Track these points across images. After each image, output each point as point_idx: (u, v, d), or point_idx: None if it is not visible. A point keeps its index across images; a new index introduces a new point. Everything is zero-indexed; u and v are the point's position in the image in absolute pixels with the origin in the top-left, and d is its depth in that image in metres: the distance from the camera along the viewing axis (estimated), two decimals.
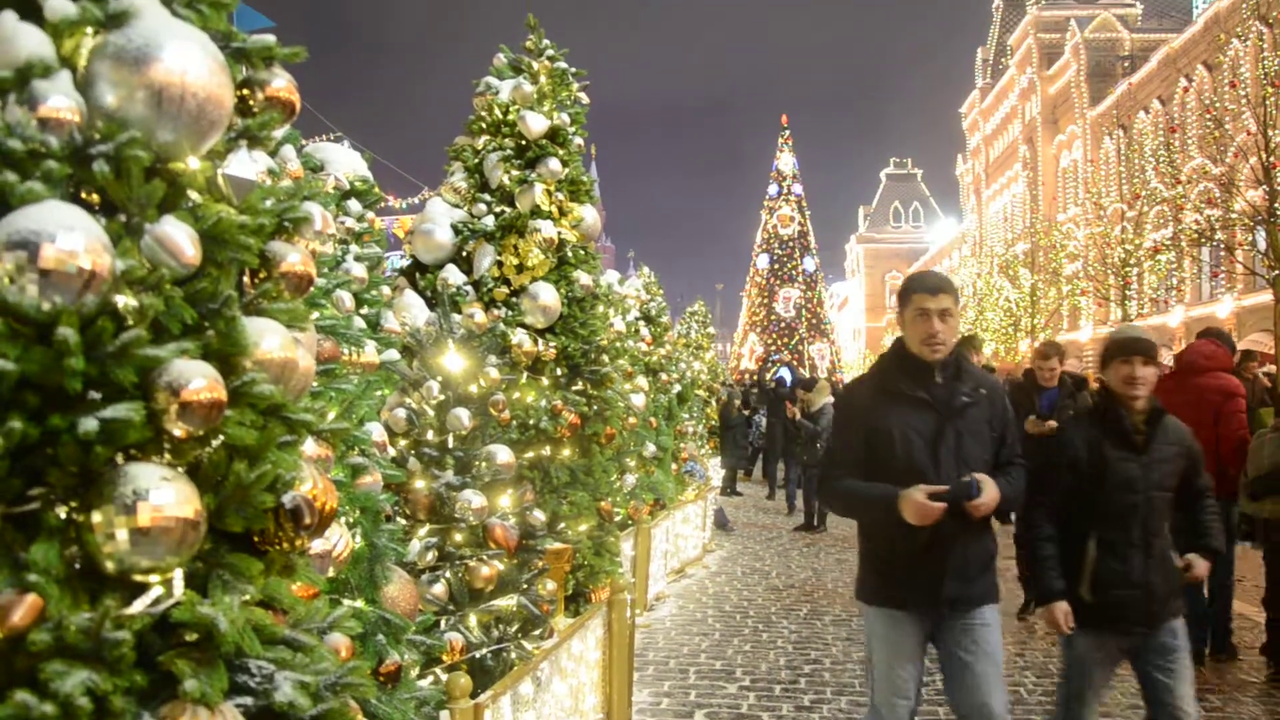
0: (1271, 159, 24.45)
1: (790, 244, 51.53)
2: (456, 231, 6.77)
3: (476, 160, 7.03)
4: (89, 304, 2.06)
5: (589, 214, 7.21)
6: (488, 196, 6.90)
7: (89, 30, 2.25)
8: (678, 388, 14.06)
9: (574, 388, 7.08)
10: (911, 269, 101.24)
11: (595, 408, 7.13)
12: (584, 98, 7.45)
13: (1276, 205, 24.17)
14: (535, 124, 6.92)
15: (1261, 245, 25.29)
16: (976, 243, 73.44)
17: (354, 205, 5.48)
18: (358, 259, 5.20)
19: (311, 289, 2.72)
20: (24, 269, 1.99)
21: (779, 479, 21.72)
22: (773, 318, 50.71)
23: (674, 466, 12.74)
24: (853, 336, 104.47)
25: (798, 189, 52.04)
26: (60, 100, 2.14)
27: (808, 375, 37.89)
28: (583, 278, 7.12)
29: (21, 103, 2.11)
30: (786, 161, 52.37)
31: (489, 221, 6.80)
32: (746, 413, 23.73)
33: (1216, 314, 42.41)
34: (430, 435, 4.95)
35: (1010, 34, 73.16)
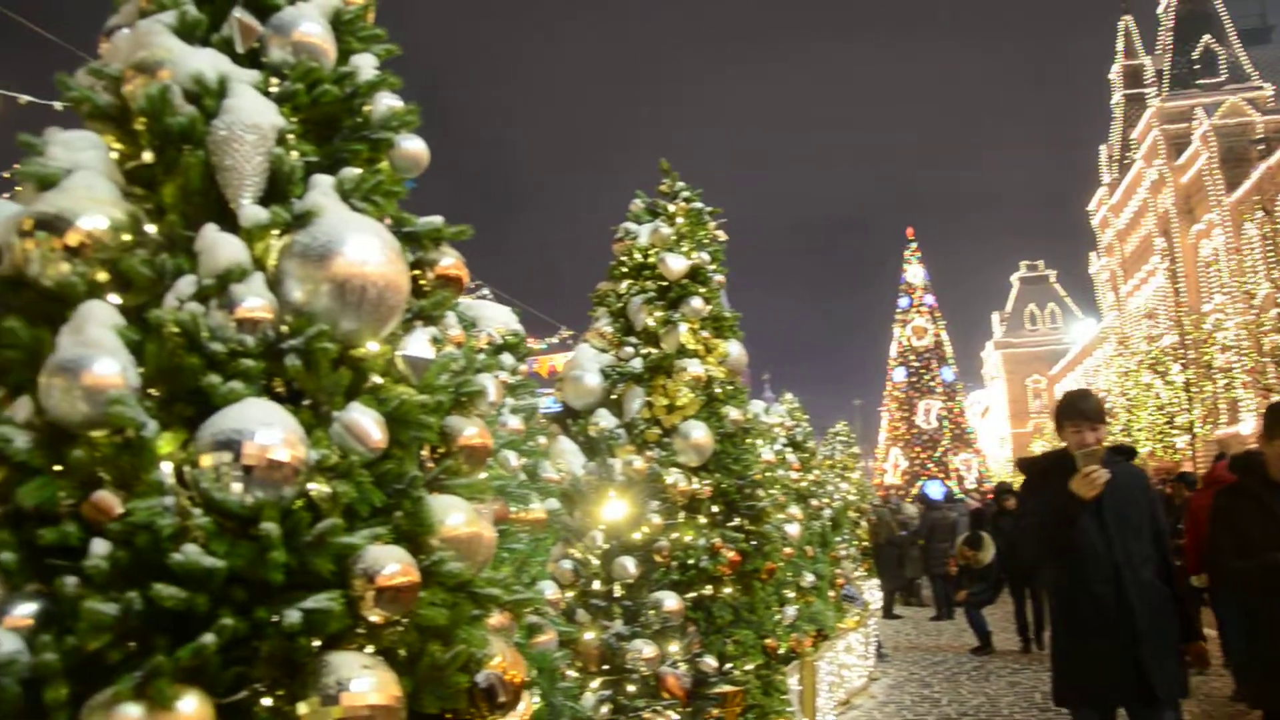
0: None
1: (926, 355, 50.70)
2: (605, 376, 6.85)
3: (620, 304, 7.15)
4: (287, 496, 2.12)
5: (734, 349, 7.23)
6: (634, 339, 6.98)
7: (276, 231, 2.37)
8: (829, 512, 13.80)
9: (731, 524, 7.00)
10: (1053, 371, 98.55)
11: (754, 543, 7.03)
12: (721, 235, 7.56)
13: None
14: (675, 265, 7.02)
15: None
16: (1120, 340, 71.17)
17: (507, 359, 5.59)
18: (514, 412, 5.28)
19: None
20: (228, 467, 2.06)
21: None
22: (914, 431, 49.68)
23: (831, 594, 12.42)
24: (999, 444, 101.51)
25: (929, 299, 51.45)
26: (255, 301, 2.24)
27: (957, 492, 36.80)
28: (732, 413, 7.10)
29: (222, 306, 2.22)
30: (915, 273, 51.92)
31: (637, 364, 6.87)
32: (903, 533, 22.98)
33: None
34: (596, 585, 4.93)
35: (1133, 128, 71.85)
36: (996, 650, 15.50)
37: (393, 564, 2.15)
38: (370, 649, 2.21)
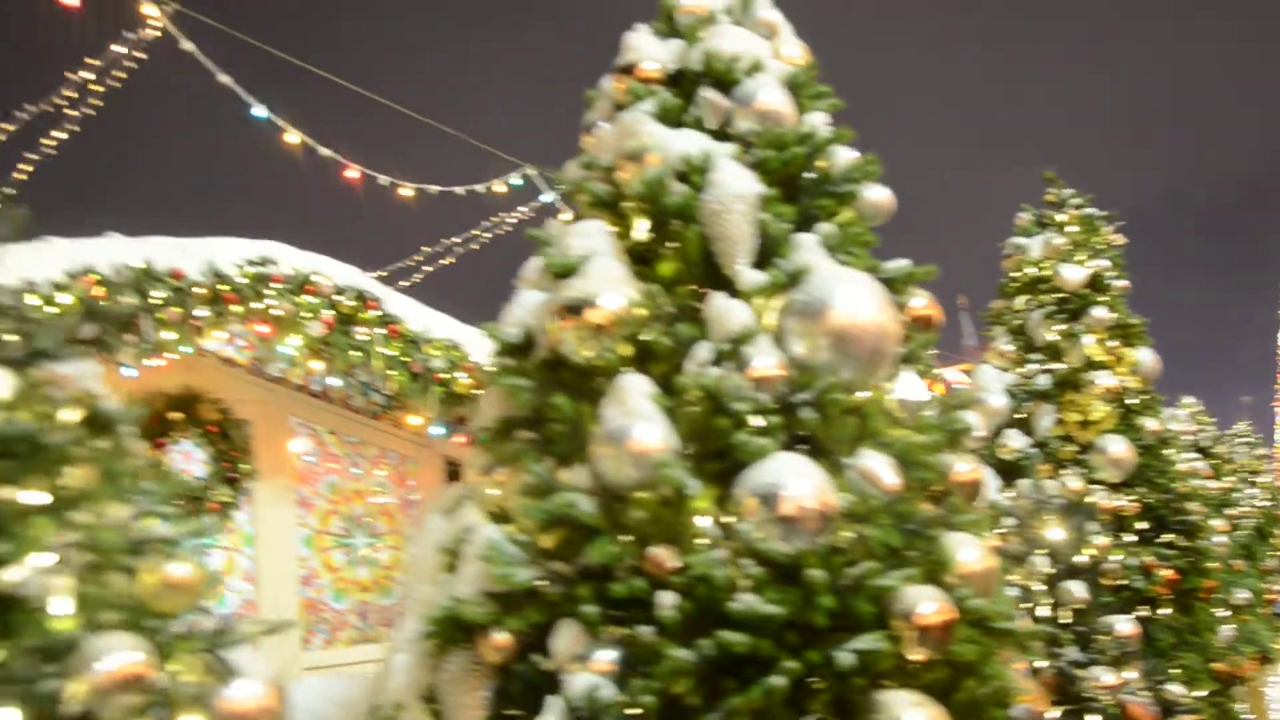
0: None
1: None
2: (1011, 395, 6.67)
3: (1018, 321, 6.95)
4: (823, 543, 2.23)
5: (1145, 356, 6.83)
6: (1036, 355, 6.77)
7: (774, 293, 2.51)
8: (1252, 521, 12.68)
9: (1160, 540, 6.59)
10: None
11: (1189, 559, 6.58)
12: (1119, 239, 7.20)
13: None
14: (1072, 275, 6.74)
15: None
16: None
17: None
18: None
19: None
20: (769, 518, 2.20)
21: None
22: None
23: (1261, 611, 11.38)
24: None
25: None
26: (766, 360, 2.38)
27: None
28: (1150, 423, 6.70)
29: (737, 368, 2.38)
30: None
31: (1042, 381, 6.64)
32: None
33: None
34: (1042, 611, 4.80)
35: None
36: None
37: (929, 603, 2.21)
38: (906, 687, 2.28)
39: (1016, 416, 6.78)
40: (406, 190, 8.92)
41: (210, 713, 1.70)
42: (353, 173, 8.48)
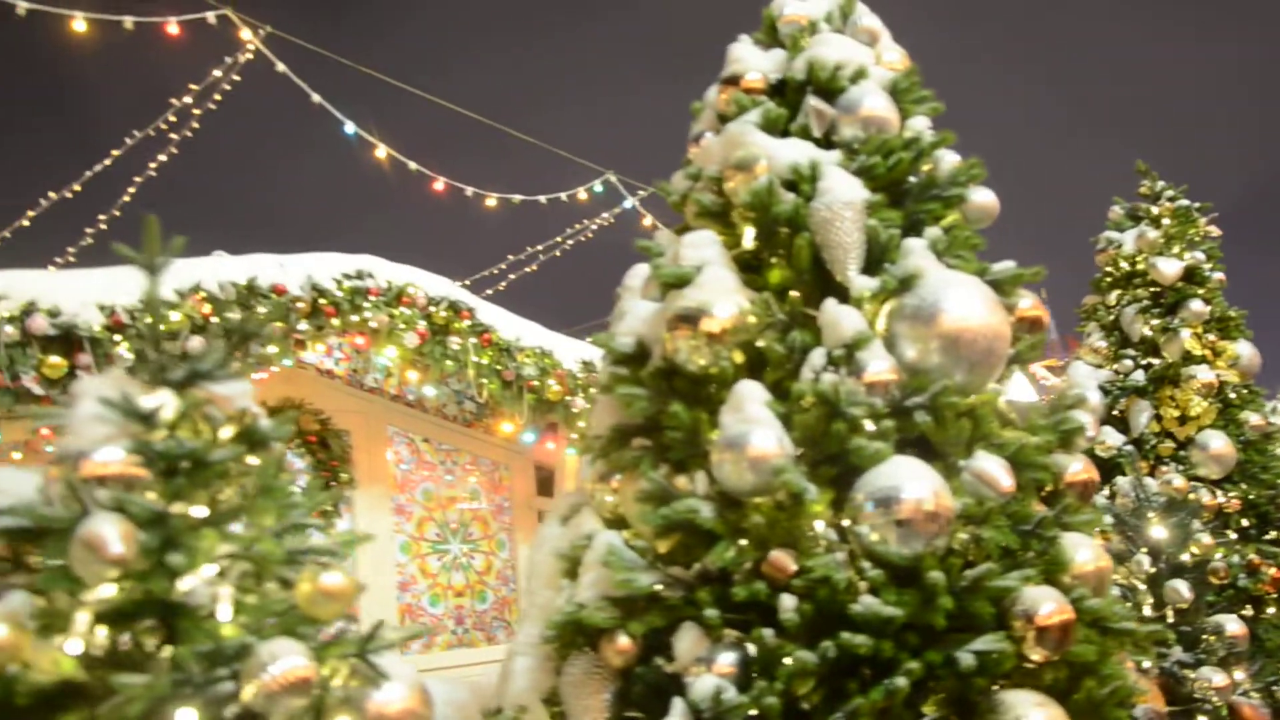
0: None
1: None
2: (1105, 392, 6.59)
3: (1111, 317, 6.86)
4: (941, 545, 2.26)
5: (1245, 349, 6.70)
6: (1131, 351, 6.67)
7: (885, 298, 2.54)
8: None
9: (1266, 538, 6.46)
10: None
11: None
12: (1215, 230, 7.06)
13: None
14: (1167, 268, 6.64)
15: None
16: None
17: None
18: None
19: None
20: (887, 521, 2.23)
21: None
22: None
23: None
24: None
25: None
26: (880, 365, 2.41)
27: None
28: (1252, 418, 6.57)
29: (851, 373, 2.41)
30: None
31: (1138, 376, 6.54)
32: None
33: None
34: (1145, 611, 4.74)
35: None
36: None
37: (1049, 603, 2.22)
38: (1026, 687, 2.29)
39: (1111, 413, 6.71)
40: (491, 200, 9.09)
41: (361, 716, 1.77)
42: (438, 184, 8.67)
